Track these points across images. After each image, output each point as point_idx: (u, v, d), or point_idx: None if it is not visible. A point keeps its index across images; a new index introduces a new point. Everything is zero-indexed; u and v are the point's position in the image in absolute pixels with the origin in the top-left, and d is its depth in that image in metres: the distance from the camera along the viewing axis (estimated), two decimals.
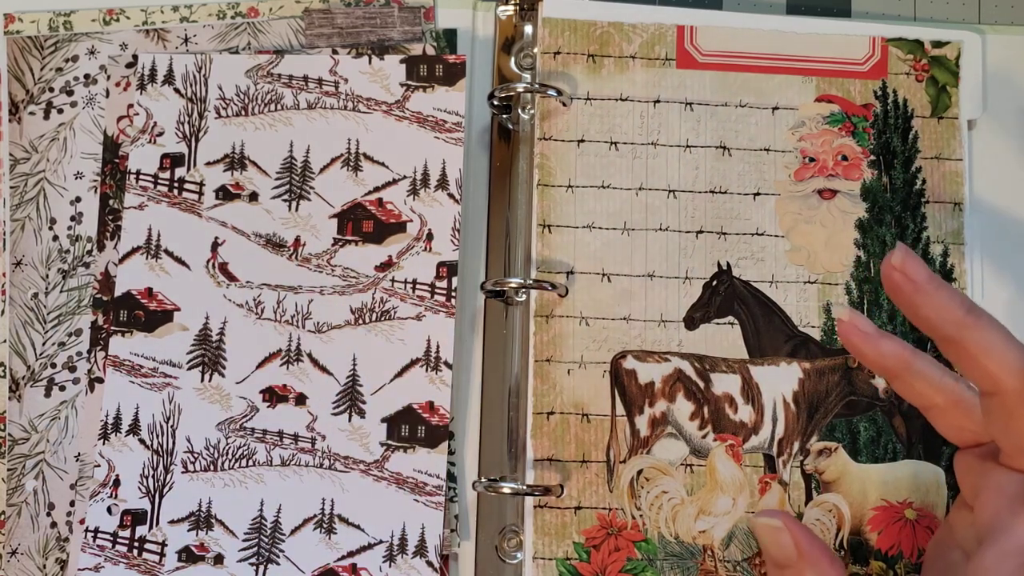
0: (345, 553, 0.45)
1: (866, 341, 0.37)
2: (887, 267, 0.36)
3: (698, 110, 0.48)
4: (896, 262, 0.36)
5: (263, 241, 0.48)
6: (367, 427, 0.46)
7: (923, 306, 0.35)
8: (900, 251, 0.36)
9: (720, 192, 0.48)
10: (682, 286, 0.47)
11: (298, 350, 0.47)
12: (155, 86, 0.49)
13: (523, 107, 0.48)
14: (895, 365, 0.37)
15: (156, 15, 0.50)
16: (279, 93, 0.49)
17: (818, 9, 0.51)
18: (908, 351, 0.37)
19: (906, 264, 0.36)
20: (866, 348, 0.37)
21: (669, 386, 0.46)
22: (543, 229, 0.47)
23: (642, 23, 0.49)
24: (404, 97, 0.48)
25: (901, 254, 0.36)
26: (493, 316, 0.47)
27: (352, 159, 0.48)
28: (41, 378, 0.47)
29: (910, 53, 0.49)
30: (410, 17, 0.49)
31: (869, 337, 0.37)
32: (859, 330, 0.37)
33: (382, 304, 0.47)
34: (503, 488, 0.44)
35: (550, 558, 0.44)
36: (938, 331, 0.35)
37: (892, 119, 0.48)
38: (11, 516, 0.46)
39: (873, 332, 0.37)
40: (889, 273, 0.36)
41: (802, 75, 0.49)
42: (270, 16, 0.50)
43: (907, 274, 0.36)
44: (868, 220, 0.47)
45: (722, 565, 0.44)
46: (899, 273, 0.36)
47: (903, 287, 0.36)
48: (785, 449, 0.45)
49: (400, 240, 0.47)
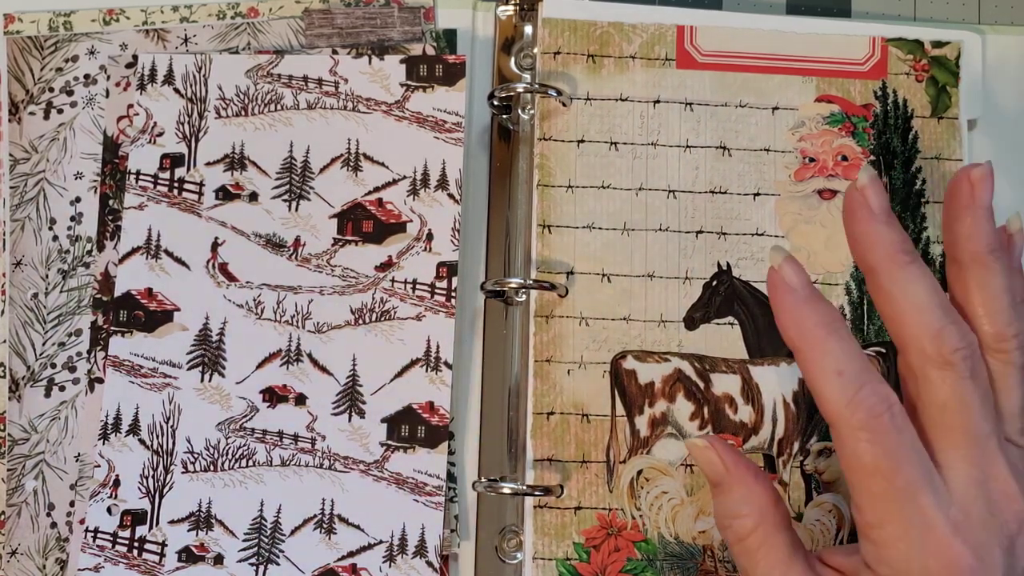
0: (345, 553, 0.45)
1: (791, 303, 0.36)
2: (850, 187, 0.36)
3: (698, 110, 0.48)
4: (861, 184, 0.36)
5: (263, 241, 0.48)
6: (367, 427, 0.46)
7: (864, 235, 0.36)
8: (866, 173, 0.36)
9: (720, 192, 0.48)
10: (682, 286, 0.47)
11: (298, 350, 0.47)
12: (155, 86, 0.49)
13: (523, 107, 0.48)
14: (801, 343, 0.35)
15: (156, 15, 0.50)
16: (279, 93, 0.49)
17: (818, 9, 0.51)
18: (823, 332, 0.35)
19: (869, 189, 0.36)
20: (785, 309, 0.36)
21: (669, 386, 0.46)
22: (543, 229, 0.47)
23: (642, 23, 0.49)
24: (404, 97, 0.48)
25: (867, 176, 0.36)
26: (493, 316, 0.47)
27: (352, 159, 0.48)
28: (41, 378, 0.47)
29: (910, 53, 0.49)
30: (410, 17, 0.49)
31: (794, 298, 0.36)
32: (786, 284, 0.36)
33: (382, 304, 0.47)
34: (503, 488, 0.44)
35: (550, 558, 0.44)
36: (866, 262, 0.36)
37: (892, 119, 0.48)
38: (11, 516, 0.46)
39: (802, 290, 0.36)
40: (850, 193, 0.36)
41: (802, 75, 0.49)
42: (270, 16, 0.50)
43: (866, 198, 0.36)
44: None
45: (722, 565, 0.44)
46: (859, 194, 0.36)
47: (857, 211, 0.36)
48: (785, 449, 0.45)
49: (400, 240, 0.47)
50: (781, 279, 0.36)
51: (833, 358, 0.34)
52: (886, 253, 0.35)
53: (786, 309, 0.35)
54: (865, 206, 0.36)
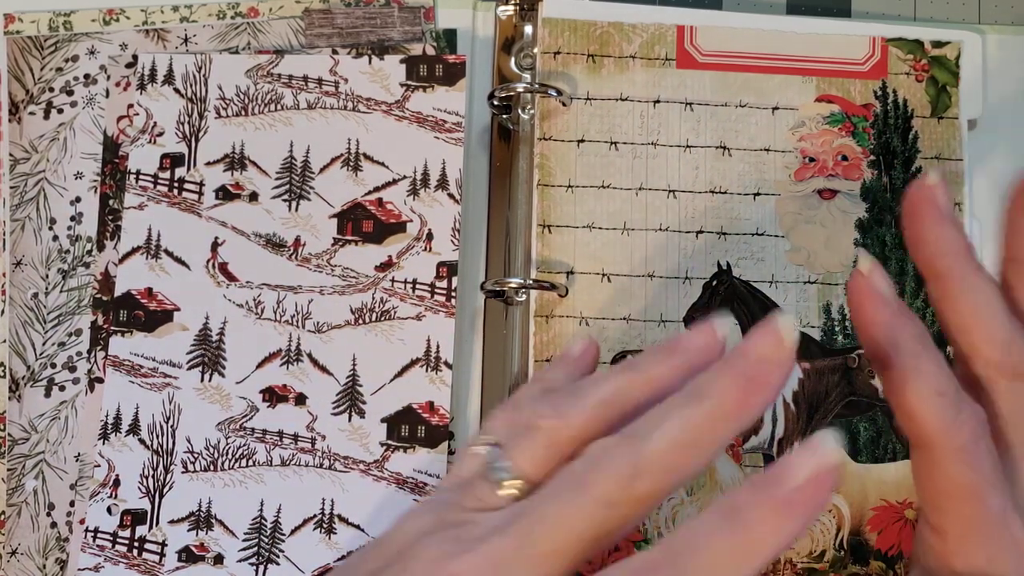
0: (345, 553, 0.45)
1: (885, 315, 0.33)
2: (917, 185, 0.34)
3: (698, 110, 0.48)
4: (932, 182, 0.34)
5: (263, 241, 0.48)
6: (367, 427, 0.46)
7: (934, 238, 0.34)
8: (936, 172, 0.34)
9: (720, 192, 0.48)
10: (682, 286, 0.47)
11: (298, 350, 0.47)
12: (155, 86, 0.49)
13: (523, 107, 0.48)
14: (896, 359, 0.33)
15: (156, 15, 0.50)
16: (279, 93, 0.49)
17: (818, 9, 0.51)
18: (920, 347, 0.32)
19: (939, 188, 0.34)
20: (877, 321, 0.33)
21: None
22: (543, 229, 0.47)
23: (642, 23, 0.49)
24: (404, 97, 0.48)
25: (937, 175, 0.34)
26: (493, 316, 0.47)
27: (352, 159, 0.48)
28: (41, 378, 0.47)
29: (910, 53, 0.49)
30: (410, 17, 0.49)
31: (889, 311, 0.33)
32: (877, 292, 0.33)
33: (382, 304, 0.47)
34: None
35: None
36: (933, 267, 0.33)
37: (892, 119, 0.48)
38: (11, 516, 0.46)
39: (895, 302, 0.33)
40: (918, 191, 0.34)
41: (802, 75, 0.49)
42: (270, 16, 0.50)
43: (936, 197, 0.34)
44: (868, 220, 0.47)
45: None
46: (928, 192, 0.34)
47: (927, 211, 0.34)
48: (785, 449, 0.45)
49: (400, 240, 0.47)
50: (871, 287, 0.33)
51: (933, 377, 0.32)
52: (957, 258, 0.33)
53: (878, 321, 0.32)
54: (935, 206, 0.34)
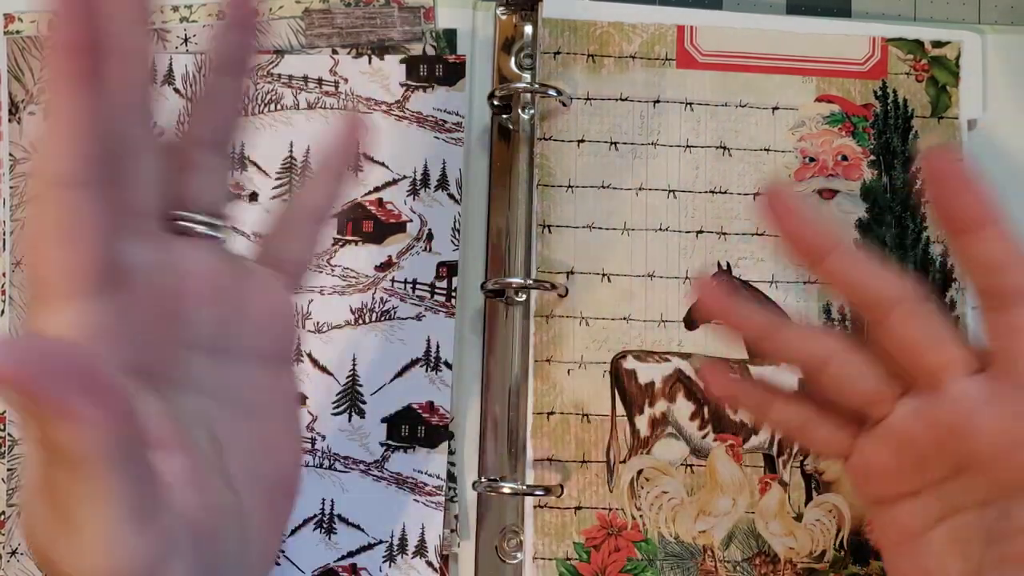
0: (345, 553, 0.45)
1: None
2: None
3: (698, 110, 0.48)
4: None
5: None
6: (367, 427, 0.46)
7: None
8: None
9: (720, 192, 0.48)
10: (682, 286, 0.47)
11: (298, 350, 0.46)
12: (155, 86, 0.49)
13: (523, 107, 0.48)
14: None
15: (156, 15, 0.50)
16: (279, 93, 0.49)
17: (818, 9, 0.51)
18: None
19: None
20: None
21: (669, 386, 0.46)
22: (543, 229, 0.47)
23: (642, 23, 0.49)
24: (404, 97, 0.48)
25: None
26: (493, 316, 0.47)
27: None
28: None
29: (910, 53, 0.49)
30: (410, 17, 0.49)
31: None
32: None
33: (382, 304, 0.47)
34: (503, 488, 0.44)
35: (550, 558, 0.44)
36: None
37: (892, 119, 0.48)
38: (11, 516, 0.46)
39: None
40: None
41: (802, 75, 0.49)
42: (270, 16, 0.50)
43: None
44: (868, 220, 0.47)
45: (722, 565, 0.44)
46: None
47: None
48: (785, 449, 0.45)
49: (400, 240, 0.47)
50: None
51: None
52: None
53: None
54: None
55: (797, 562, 0.44)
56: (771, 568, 0.44)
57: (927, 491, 0.34)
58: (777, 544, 0.44)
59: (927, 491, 0.34)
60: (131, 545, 0.25)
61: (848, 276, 0.34)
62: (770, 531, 0.44)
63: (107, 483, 0.24)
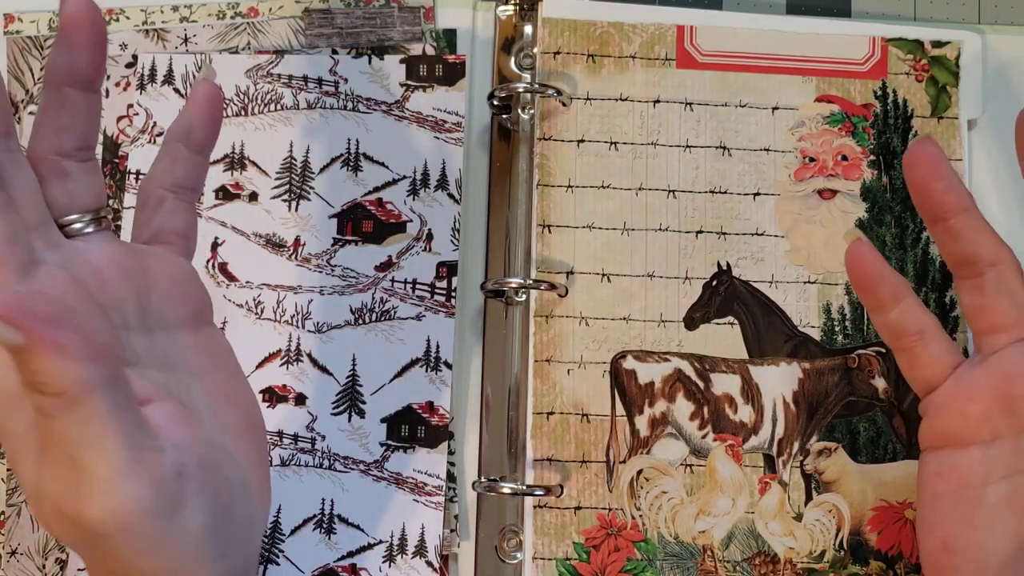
0: (345, 553, 0.45)
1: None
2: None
3: (698, 110, 0.48)
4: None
5: (263, 241, 0.48)
6: (367, 427, 0.46)
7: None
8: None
9: (720, 192, 0.48)
10: (682, 286, 0.47)
11: (298, 350, 0.47)
12: (155, 86, 0.49)
13: (523, 107, 0.48)
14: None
15: (156, 15, 0.50)
16: (279, 93, 0.49)
17: (818, 9, 0.51)
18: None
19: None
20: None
21: (669, 386, 0.46)
22: (543, 229, 0.47)
23: (642, 23, 0.49)
24: (404, 97, 0.48)
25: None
26: (493, 316, 0.47)
27: (352, 159, 0.48)
28: None
29: (910, 53, 0.49)
30: (410, 17, 0.49)
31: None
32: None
33: (382, 304, 0.47)
34: (503, 488, 0.44)
35: (550, 558, 0.44)
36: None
37: (892, 119, 0.48)
38: (11, 516, 0.46)
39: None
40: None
41: (802, 75, 0.49)
42: (270, 16, 0.50)
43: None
44: (868, 220, 0.47)
45: (722, 565, 0.44)
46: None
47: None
48: (785, 449, 0.45)
49: (400, 240, 0.47)
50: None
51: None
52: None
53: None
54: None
55: (797, 562, 0.44)
56: (771, 568, 0.44)
57: (1001, 442, 0.35)
58: (777, 544, 0.44)
59: (1001, 442, 0.35)
60: (139, 477, 0.27)
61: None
62: (770, 531, 0.44)
63: (103, 419, 0.26)
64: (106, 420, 0.26)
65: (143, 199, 0.35)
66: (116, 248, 0.33)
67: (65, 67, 0.31)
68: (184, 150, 0.35)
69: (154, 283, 0.33)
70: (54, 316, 0.25)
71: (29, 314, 0.24)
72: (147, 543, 0.27)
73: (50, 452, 0.27)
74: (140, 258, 0.33)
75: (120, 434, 0.26)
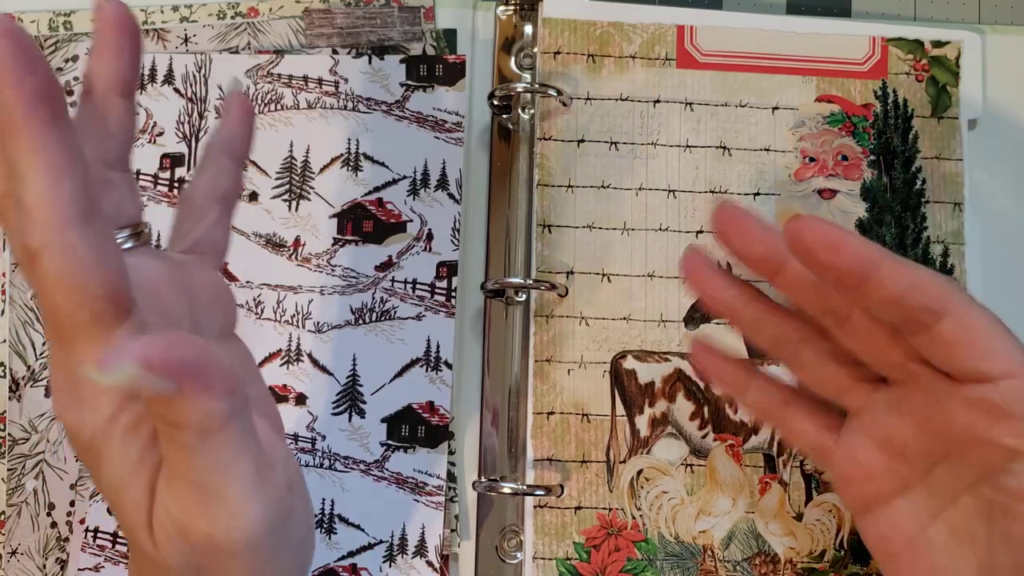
0: (345, 553, 0.45)
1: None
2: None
3: (698, 110, 0.48)
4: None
5: (263, 241, 0.48)
6: (367, 427, 0.46)
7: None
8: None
9: (720, 192, 0.48)
10: (682, 286, 0.47)
11: (298, 350, 0.47)
12: (155, 86, 0.49)
13: (523, 107, 0.48)
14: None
15: (156, 15, 0.50)
16: (279, 93, 0.49)
17: (818, 9, 0.51)
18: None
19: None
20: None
21: (669, 386, 0.46)
22: (543, 229, 0.47)
23: (642, 23, 0.49)
24: (404, 97, 0.48)
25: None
26: (493, 316, 0.47)
27: (352, 159, 0.48)
28: (41, 378, 0.47)
29: (910, 53, 0.49)
30: (410, 17, 0.49)
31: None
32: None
33: (382, 304, 0.47)
34: (503, 488, 0.44)
35: (550, 558, 0.44)
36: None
37: (892, 119, 0.48)
38: (11, 516, 0.46)
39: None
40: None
41: (802, 75, 0.49)
42: (270, 16, 0.50)
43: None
44: (868, 220, 0.47)
45: (722, 565, 0.44)
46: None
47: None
48: (785, 449, 0.45)
49: (400, 240, 0.47)
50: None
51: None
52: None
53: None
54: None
55: (797, 562, 0.44)
56: (771, 568, 0.44)
57: (916, 485, 0.34)
58: (777, 544, 0.44)
59: (916, 485, 0.34)
60: (266, 495, 0.28)
61: (806, 287, 0.34)
62: (770, 531, 0.45)
63: (236, 445, 0.27)
64: (238, 446, 0.27)
65: (186, 210, 0.35)
66: (162, 262, 0.32)
67: (112, 73, 0.31)
68: (228, 161, 0.35)
69: (197, 295, 0.33)
70: (197, 359, 0.25)
71: (177, 363, 0.25)
72: (266, 557, 0.29)
73: (175, 479, 0.28)
74: (184, 271, 0.33)
75: (250, 457, 0.28)
